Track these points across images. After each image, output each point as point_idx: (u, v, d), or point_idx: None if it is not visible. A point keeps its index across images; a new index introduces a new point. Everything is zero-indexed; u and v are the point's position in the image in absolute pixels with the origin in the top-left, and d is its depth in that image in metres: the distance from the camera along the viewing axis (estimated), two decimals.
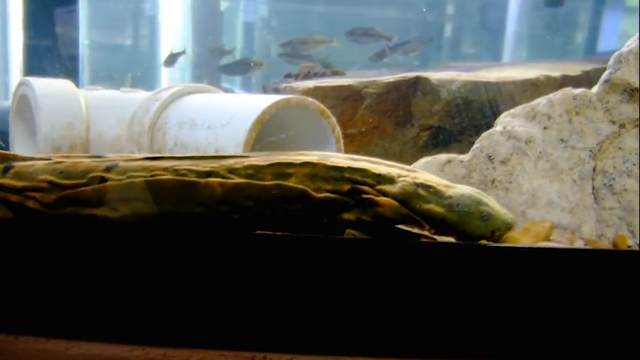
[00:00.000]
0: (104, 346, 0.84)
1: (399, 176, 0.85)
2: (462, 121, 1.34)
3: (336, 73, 1.76)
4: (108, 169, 0.84)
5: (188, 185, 0.80)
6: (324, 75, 1.73)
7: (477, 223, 0.83)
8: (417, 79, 1.38)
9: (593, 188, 1.04)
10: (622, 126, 1.05)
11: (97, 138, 1.29)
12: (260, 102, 1.03)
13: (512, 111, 1.11)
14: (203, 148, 1.09)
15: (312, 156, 0.87)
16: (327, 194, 0.82)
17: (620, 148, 1.05)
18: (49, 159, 0.89)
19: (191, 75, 2.90)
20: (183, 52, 2.47)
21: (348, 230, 0.88)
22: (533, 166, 1.04)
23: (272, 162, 0.84)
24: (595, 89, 1.08)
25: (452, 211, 0.83)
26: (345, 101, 1.35)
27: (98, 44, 2.99)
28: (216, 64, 2.48)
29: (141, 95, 1.32)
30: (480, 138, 1.08)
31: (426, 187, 0.84)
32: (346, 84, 1.36)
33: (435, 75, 1.38)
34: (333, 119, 1.13)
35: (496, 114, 1.29)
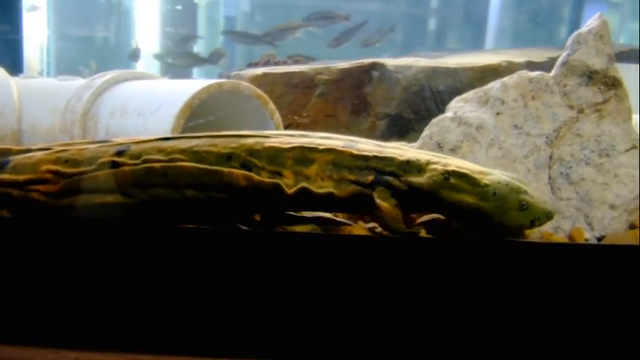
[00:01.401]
0: (15, 350, 0.77)
1: (429, 163, 0.79)
2: (419, 108, 1.27)
3: (297, 62, 1.69)
4: (119, 154, 0.78)
5: (211, 173, 0.75)
6: (284, 63, 1.65)
7: (515, 214, 0.77)
8: (374, 66, 1.31)
9: (550, 177, 0.97)
10: (581, 111, 0.98)
11: (30, 128, 1.22)
12: (191, 87, 0.96)
13: (464, 96, 1.03)
14: None
15: (338, 140, 0.81)
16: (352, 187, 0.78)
17: (578, 134, 0.98)
18: (49, 148, 0.83)
19: (163, 66, 2.80)
20: (138, 48, 2.38)
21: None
22: (484, 154, 0.97)
23: (294, 145, 0.78)
24: (553, 72, 1.01)
25: (487, 201, 0.77)
26: (296, 89, 1.28)
27: (67, 36, 2.90)
28: (186, 55, 2.39)
29: (78, 83, 1.24)
30: (429, 124, 1.01)
31: (458, 175, 0.78)
32: (297, 70, 1.28)
33: (391, 61, 1.31)
34: (272, 105, 1.05)
35: None
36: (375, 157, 0.79)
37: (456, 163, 0.80)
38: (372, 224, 0.99)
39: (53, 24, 2.71)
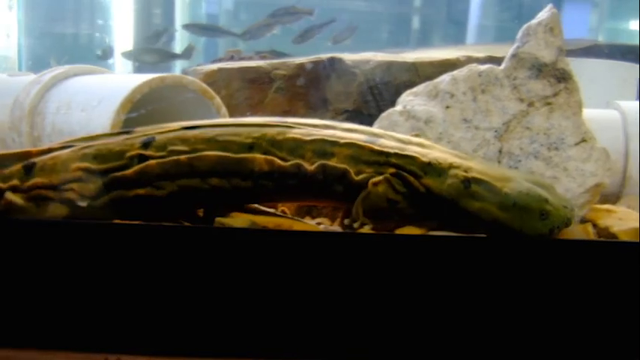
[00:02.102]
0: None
1: (451, 167, 0.78)
2: (377, 103, 1.25)
3: (264, 58, 1.67)
4: (145, 146, 0.79)
5: (235, 161, 0.77)
6: (250, 59, 1.63)
7: (534, 223, 0.75)
8: (332, 60, 1.29)
9: None
10: (531, 104, 0.97)
11: None
12: (133, 82, 0.94)
13: (414, 89, 1.02)
14: (77, 134, 0.99)
15: (361, 134, 0.80)
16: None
17: (528, 128, 0.96)
18: (70, 145, 0.82)
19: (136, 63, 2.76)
20: (110, 47, 2.33)
21: None
22: None
23: (315, 137, 0.79)
24: (503, 65, 0.99)
25: (507, 212, 0.75)
26: (252, 84, 1.26)
27: (39, 33, 2.86)
28: (157, 52, 2.35)
29: (28, 79, 1.21)
30: (379, 118, 1.00)
31: (478, 181, 0.77)
32: (254, 65, 1.26)
33: (349, 56, 1.29)
34: (218, 99, 1.03)
35: None
36: (397, 154, 0.78)
37: (478, 168, 0.78)
38: (318, 220, 0.98)
39: (24, 21, 2.67)
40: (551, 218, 0.76)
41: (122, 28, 2.85)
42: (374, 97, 1.25)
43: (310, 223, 0.92)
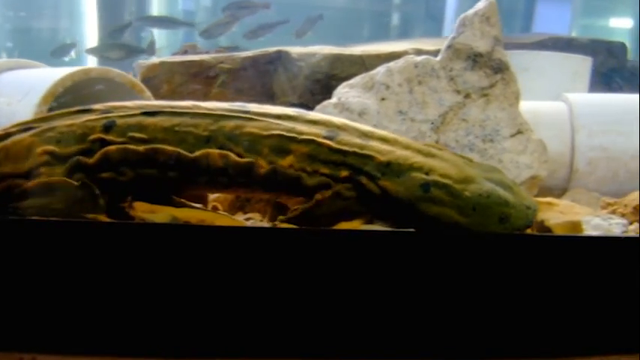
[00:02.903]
0: None
1: (411, 167, 0.74)
2: (324, 97, 1.23)
3: (220, 52, 1.64)
4: (106, 129, 0.77)
5: (190, 159, 0.76)
6: (206, 54, 1.60)
7: (494, 227, 0.73)
8: (279, 54, 1.27)
9: None
10: (467, 96, 0.95)
11: None
12: (57, 75, 0.91)
13: (351, 81, 1.00)
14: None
15: (322, 126, 0.78)
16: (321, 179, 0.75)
17: (464, 119, 0.95)
18: (31, 127, 0.79)
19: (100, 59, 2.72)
20: (74, 45, 2.30)
21: None
22: None
23: (273, 133, 0.76)
24: (439, 56, 0.97)
25: (466, 216, 0.73)
26: (195, 78, 1.23)
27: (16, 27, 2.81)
28: (120, 47, 2.32)
29: None
30: (314, 110, 0.97)
31: (439, 185, 0.73)
32: (197, 59, 1.24)
33: (295, 49, 1.27)
34: (148, 93, 1.01)
35: None
36: (355, 153, 0.75)
37: (441, 167, 0.75)
38: (248, 215, 0.96)
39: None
40: (512, 221, 0.74)
41: (90, 25, 2.82)
42: (319, 90, 1.23)
43: (238, 219, 0.89)
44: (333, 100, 0.97)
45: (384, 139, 0.78)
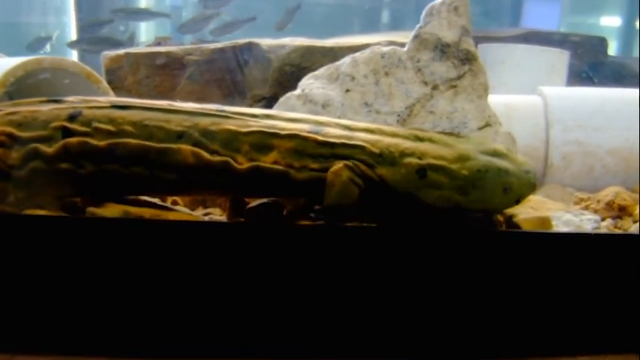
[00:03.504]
0: None
1: (403, 154, 0.72)
2: (294, 89, 1.20)
3: (195, 44, 1.61)
4: (71, 119, 0.74)
5: (157, 151, 0.72)
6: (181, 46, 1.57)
7: (499, 200, 0.72)
8: (249, 45, 1.24)
9: None
10: (435, 87, 0.93)
11: None
12: (7, 64, 0.88)
13: (316, 72, 0.97)
14: None
15: (305, 123, 0.74)
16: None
17: (431, 112, 0.92)
18: None
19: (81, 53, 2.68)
20: (49, 38, 2.26)
21: None
22: None
23: (252, 129, 0.72)
24: (406, 47, 0.95)
25: (467, 194, 0.71)
26: (162, 70, 1.20)
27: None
28: (100, 40, 2.28)
29: None
30: (277, 102, 0.95)
31: (435, 168, 0.71)
32: (164, 50, 1.21)
33: (265, 41, 1.23)
34: (105, 84, 0.98)
35: None
36: (344, 144, 0.72)
37: (432, 152, 0.72)
38: (208, 210, 0.93)
39: None
40: (515, 189, 0.72)
41: (71, 18, 2.78)
42: (290, 83, 1.20)
43: (196, 214, 0.86)
44: (297, 91, 0.94)
45: (368, 130, 0.75)
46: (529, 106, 1.16)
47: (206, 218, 0.86)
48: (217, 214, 0.89)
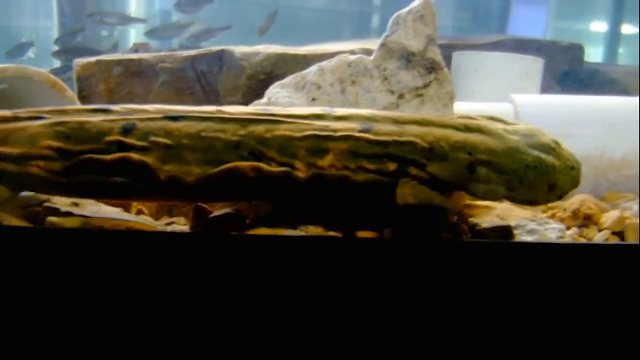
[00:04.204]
0: None
1: (454, 147, 0.72)
2: None
3: (173, 51, 1.61)
4: (125, 132, 0.72)
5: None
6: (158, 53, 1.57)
7: (543, 196, 0.74)
8: (222, 53, 1.24)
9: None
10: (401, 96, 0.93)
11: None
12: None
13: (283, 81, 0.97)
14: None
15: (353, 121, 0.74)
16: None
17: None
18: (41, 117, 0.75)
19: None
20: (31, 44, 2.24)
21: None
22: None
23: (306, 134, 0.72)
24: (373, 55, 0.95)
25: (514, 190, 0.73)
26: (134, 77, 1.20)
27: None
28: (79, 49, 2.27)
29: None
30: None
31: (484, 163, 0.72)
32: (136, 57, 1.20)
33: (239, 48, 1.24)
34: (70, 92, 0.98)
35: None
36: (395, 142, 0.72)
37: (482, 145, 0.73)
38: (172, 219, 0.93)
39: None
40: (560, 186, 0.74)
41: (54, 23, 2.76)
42: (263, 91, 1.20)
43: (159, 224, 0.86)
44: (264, 100, 0.94)
45: (417, 122, 0.75)
46: (500, 114, 1.16)
47: (169, 228, 0.86)
48: (182, 224, 0.89)
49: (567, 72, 1.55)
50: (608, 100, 1.16)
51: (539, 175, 0.73)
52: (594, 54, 4.62)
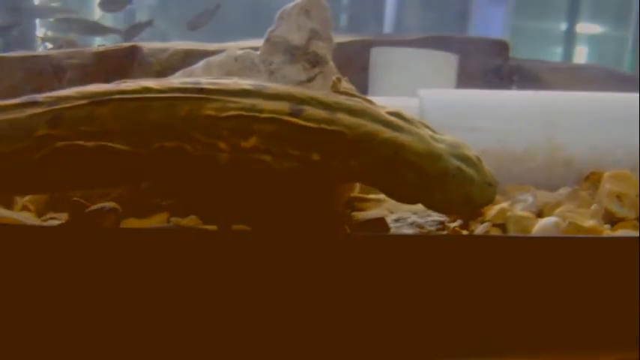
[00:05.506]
0: None
1: (381, 144, 0.70)
2: None
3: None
4: (52, 126, 0.68)
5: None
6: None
7: (456, 207, 0.76)
8: (132, 49, 1.24)
9: None
10: None
11: None
12: None
13: (174, 75, 0.97)
14: None
15: (284, 102, 0.70)
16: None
17: None
18: None
19: None
20: None
21: None
22: None
23: (230, 114, 0.68)
24: (259, 50, 0.95)
25: (431, 194, 0.73)
26: (41, 75, 1.19)
27: None
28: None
29: None
30: None
31: (408, 163, 0.72)
32: (42, 54, 1.20)
33: (148, 44, 1.24)
34: None
35: None
36: (324, 130, 0.70)
37: (409, 146, 0.72)
38: (54, 215, 0.92)
39: None
40: (475, 200, 0.73)
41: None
42: None
43: (37, 220, 0.86)
44: None
45: (350, 111, 0.72)
46: (405, 109, 1.17)
47: (46, 223, 0.85)
48: (63, 219, 0.88)
49: (492, 68, 1.57)
50: (511, 95, 1.18)
51: (458, 185, 0.72)
52: (553, 53, 4.69)
